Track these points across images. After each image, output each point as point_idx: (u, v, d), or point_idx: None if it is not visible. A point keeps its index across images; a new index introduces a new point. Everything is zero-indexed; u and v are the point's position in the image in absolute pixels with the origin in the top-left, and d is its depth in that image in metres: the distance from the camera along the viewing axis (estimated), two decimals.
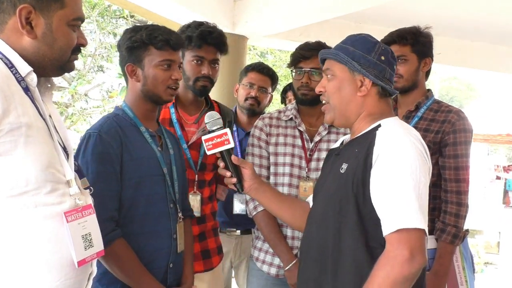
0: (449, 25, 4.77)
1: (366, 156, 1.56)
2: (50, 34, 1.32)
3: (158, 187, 1.93)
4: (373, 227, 1.53)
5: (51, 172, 1.27)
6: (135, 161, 1.86)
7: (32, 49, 1.31)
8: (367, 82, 1.67)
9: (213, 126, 1.84)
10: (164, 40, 1.89)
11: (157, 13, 4.33)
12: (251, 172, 1.87)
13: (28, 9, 1.28)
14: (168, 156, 2.01)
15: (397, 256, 1.44)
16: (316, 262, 1.65)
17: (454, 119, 2.30)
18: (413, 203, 1.47)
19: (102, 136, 1.80)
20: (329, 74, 1.71)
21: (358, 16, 4.89)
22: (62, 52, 1.36)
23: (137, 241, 1.85)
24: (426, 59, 2.42)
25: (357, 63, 1.65)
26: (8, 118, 1.18)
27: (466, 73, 7.69)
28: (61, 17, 1.33)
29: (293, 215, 1.94)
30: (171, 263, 1.95)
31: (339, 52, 1.68)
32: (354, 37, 1.72)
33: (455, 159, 2.27)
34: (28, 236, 1.23)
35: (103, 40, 10.90)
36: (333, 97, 1.70)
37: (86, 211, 1.37)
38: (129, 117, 1.94)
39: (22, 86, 1.27)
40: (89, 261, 1.36)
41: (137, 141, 1.90)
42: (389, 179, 1.50)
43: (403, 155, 1.51)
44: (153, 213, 1.90)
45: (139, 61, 1.92)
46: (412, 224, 1.45)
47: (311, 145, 2.43)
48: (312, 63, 2.38)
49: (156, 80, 1.91)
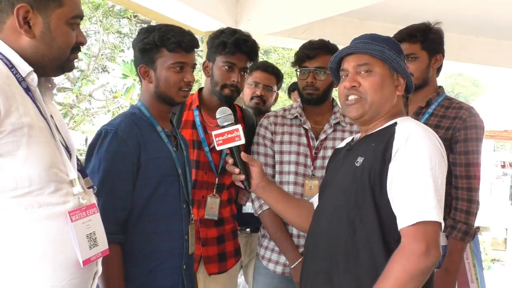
0: (454, 21, 4.74)
1: (384, 150, 1.57)
2: (48, 33, 1.31)
3: (172, 187, 1.92)
4: (388, 221, 1.54)
5: (54, 172, 1.27)
6: (152, 161, 1.85)
7: (31, 48, 1.31)
8: (401, 81, 1.71)
9: (224, 121, 1.82)
10: (177, 42, 1.88)
11: (160, 12, 4.32)
12: (259, 170, 1.87)
13: (26, 8, 1.27)
14: (182, 157, 2.01)
15: (414, 249, 1.45)
16: (326, 255, 1.64)
17: (465, 115, 2.27)
18: (432, 197, 1.48)
19: (119, 134, 1.79)
20: (364, 70, 1.69)
21: (362, 13, 4.86)
22: (61, 51, 1.35)
23: (150, 241, 1.85)
24: (437, 55, 2.40)
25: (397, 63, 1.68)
26: (10, 119, 1.17)
27: (472, 69, 7.63)
28: (60, 15, 1.32)
29: (298, 216, 1.94)
30: (184, 264, 1.94)
31: (384, 49, 1.68)
32: (382, 37, 1.74)
33: (466, 155, 2.24)
34: (33, 236, 1.23)
35: (107, 41, 10.91)
36: (374, 93, 1.68)
37: (90, 210, 1.37)
38: (146, 116, 1.94)
39: (23, 87, 1.27)
40: (94, 260, 1.36)
41: (154, 141, 1.89)
42: (409, 173, 1.51)
43: (423, 151, 1.53)
44: (167, 213, 1.90)
45: (152, 62, 1.91)
46: (430, 217, 1.46)
47: (316, 143, 2.42)
48: (316, 62, 2.37)
49: (168, 82, 1.90)
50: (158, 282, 1.87)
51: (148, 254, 1.85)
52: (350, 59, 1.72)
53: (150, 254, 1.85)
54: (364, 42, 1.72)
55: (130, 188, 1.80)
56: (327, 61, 2.36)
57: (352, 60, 1.72)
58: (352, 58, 1.72)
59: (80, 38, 1.39)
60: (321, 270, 1.65)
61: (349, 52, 1.73)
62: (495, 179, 12.37)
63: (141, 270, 1.84)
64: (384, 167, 1.56)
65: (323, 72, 2.36)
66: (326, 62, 2.35)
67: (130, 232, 1.81)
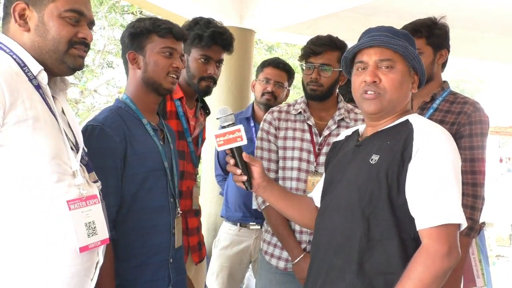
0: (459, 16, 4.72)
1: (403, 149, 1.55)
2: (42, 26, 1.42)
3: (159, 181, 1.92)
4: (404, 219, 1.53)
5: (57, 163, 1.34)
6: (139, 156, 1.85)
7: (29, 42, 1.41)
8: (416, 79, 1.70)
9: (225, 122, 1.80)
10: (167, 28, 1.91)
11: (165, 8, 4.33)
12: (260, 170, 1.84)
13: (22, 6, 1.39)
14: (169, 150, 2.00)
15: (438, 250, 1.46)
16: (339, 251, 1.63)
17: (470, 110, 2.25)
18: (456, 199, 1.49)
19: (105, 130, 1.78)
20: (385, 65, 1.64)
21: (367, 9, 4.85)
22: (56, 42, 1.43)
23: (138, 235, 1.85)
24: (442, 50, 2.38)
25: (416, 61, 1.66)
26: (15, 111, 1.26)
27: (476, 65, 7.61)
28: (52, 9, 1.42)
29: (300, 214, 1.93)
30: (170, 258, 1.95)
31: (408, 46, 1.64)
32: (401, 32, 1.71)
33: (470, 150, 2.22)
34: (35, 223, 1.30)
35: (112, 36, 10.92)
36: (393, 91, 1.64)
37: (91, 200, 1.43)
38: (132, 109, 1.92)
39: (34, 84, 1.36)
40: (92, 248, 1.41)
41: (140, 135, 1.89)
42: (432, 175, 1.50)
43: (445, 151, 1.53)
44: (154, 207, 1.90)
45: (141, 48, 1.92)
46: (455, 220, 1.48)
47: (320, 139, 2.41)
48: (322, 59, 2.35)
49: (157, 66, 1.91)
50: (146, 276, 1.87)
51: (136, 249, 1.84)
52: (372, 52, 1.66)
53: (137, 249, 1.84)
54: (385, 35, 1.66)
55: (119, 184, 1.80)
56: (334, 58, 2.36)
57: (374, 53, 1.65)
58: (374, 51, 1.65)
59: (82, 34, 1.46)
60: (333, 267, 1.64)
61: (371, 44, 1.67)
62: (500, 175, 12.34)
63: (129, 265, 1.84)
64: (403, 167, 1.54)
65: (328, 69, 2.34)
66: (332, 59, 2.36)
67: (119, 227, 1.80)
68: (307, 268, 2.09)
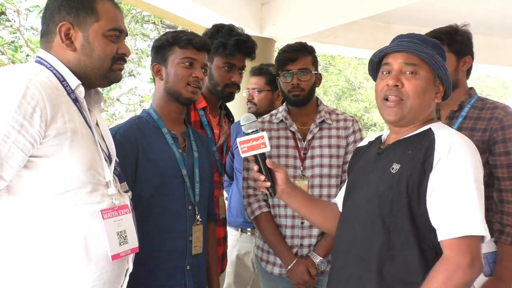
0: (480, 23, 4.68)
1: (424, 159, 1.54)
2: (88, 46, 1.47)
3: (176, 188, 1.94)
4: (425, 229, 1.52)
5: (92, 174, 1.40)
6: (152, 163, 1.89)
7: (75, 61, 1.47)
8: (441, 89, 1.67)
9: (249, 128, 1.81)
10: (187, 40, 1.96)
11: (185, 18, 4.38)
12: (284, 176, 1.84)
13: (67, 26, 1.45)
14: (190, 158, 2.02)
15: (460, 262, 1.44)
16: (359, 260, 1.62)
17: (501, 115, 2.18)
18: (478, 210, 1.47)
19: (116, 138, 1.81)
20: (410, 70, 1.63)
21: (387, 17, 4.83)
22: (101, 60, 1.49)
23: (152, 240, 1.87)
24: (466, 57, 2.34)
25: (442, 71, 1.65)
26: (55, 124, 1.32)
27: (500, 71, 7.51)
28: (97, 29, 1.48)
29: (324, 219, 1.93)
30: (187, 265, 1.96)
31: (434, 54, 1.63)
32: (431, 41, 1.69)
33: (506, 156, 2.15)
34: (69, 231, 1.35)
35: (133, 46, 11.08)
36: (415, 98, 1.62)
37: (122, 210, 1.48)
38: (153, 119, 1.99)
39: (72, 98, 1.43)
40: (123, 256, 1.46)
41: (156, 143, 1.93)
42: (453, 185, 1.49)
43: (468, 162, 1.50)
44: (170, 214, 1.92)
45: (164, 60, 1.99)
46: (476, 231, 1.46)
47: (304, 143, 2.45)
48: (299, 64, 2.41)
49: (177, 76, 1.96)
50: (158, 281, 1.89)
51: (148, 253, 1.85)
52: (398, 56, 1.65)
53: (150, 253, 1.86)
54: (413, 42, 1.66)
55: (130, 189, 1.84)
56: (309, 62, 2.43)
57: (400, 57, 1.64)
58: (400, 55, 1.65)
59: (121, 49, 1.53)
60: (353, 275, 1.63)
61: (398, 49, 1.66)
62: None
63: (141, 268, 1.82)
64: (424, 177, 1.52)
65: (306, 73, 2.40)
66: (307, 63, 2.43)
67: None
68: (304, 273, 2.31)
